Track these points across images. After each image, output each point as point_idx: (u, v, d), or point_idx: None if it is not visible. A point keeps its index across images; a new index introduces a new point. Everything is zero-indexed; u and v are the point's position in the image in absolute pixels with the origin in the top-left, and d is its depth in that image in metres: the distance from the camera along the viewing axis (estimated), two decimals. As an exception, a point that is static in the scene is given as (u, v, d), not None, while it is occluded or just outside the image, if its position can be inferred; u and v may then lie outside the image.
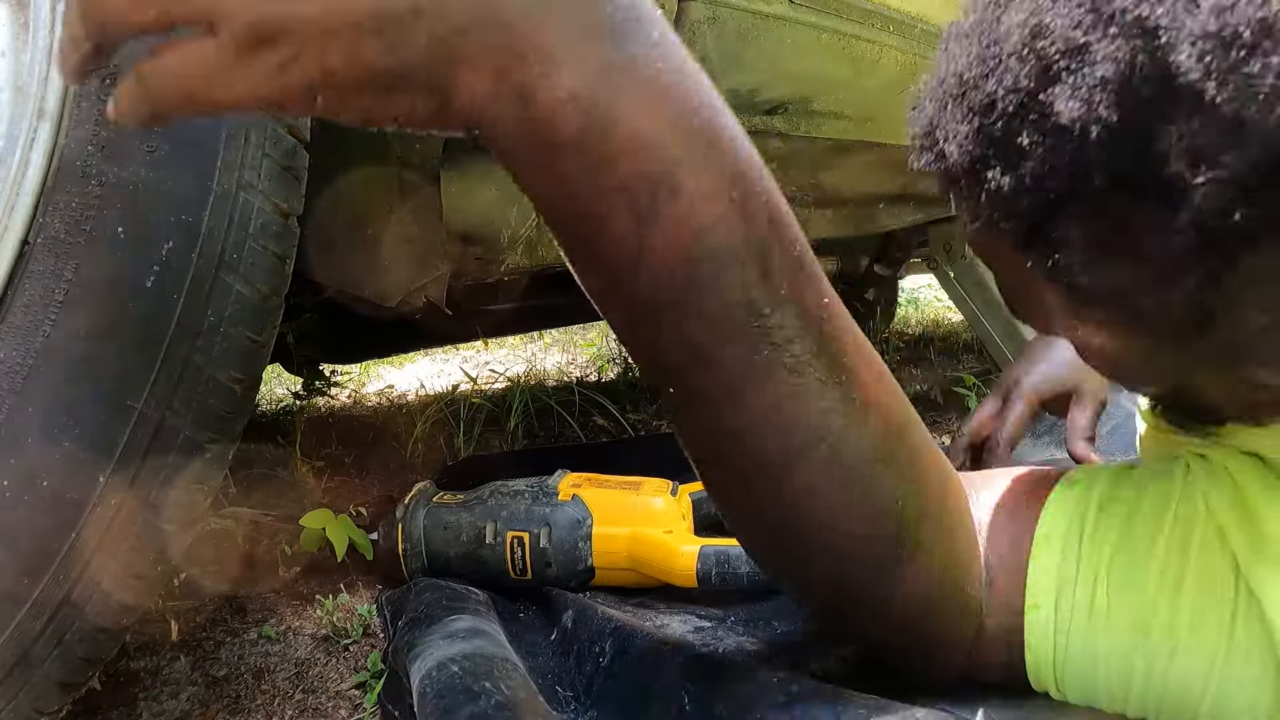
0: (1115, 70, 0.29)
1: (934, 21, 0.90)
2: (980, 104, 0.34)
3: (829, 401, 0.38)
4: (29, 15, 0.42)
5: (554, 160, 0.31)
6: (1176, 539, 0.41)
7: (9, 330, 0.41)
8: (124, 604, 0.47)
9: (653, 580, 0.75)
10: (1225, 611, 0.39)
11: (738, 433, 0.38)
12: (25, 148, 0.41)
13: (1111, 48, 0.29)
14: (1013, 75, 0.32)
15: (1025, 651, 0.45)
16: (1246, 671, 0.39)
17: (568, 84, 0.30)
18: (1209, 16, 0.27)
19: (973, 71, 0.34)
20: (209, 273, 0.45)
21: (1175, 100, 0.28)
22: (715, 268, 0.34)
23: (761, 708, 0.47)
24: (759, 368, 0.36)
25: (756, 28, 0.71)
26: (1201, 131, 0.28)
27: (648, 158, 0.32)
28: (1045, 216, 0.32)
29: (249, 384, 0.49)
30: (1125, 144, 0.29)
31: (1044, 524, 0.45)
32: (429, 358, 2.45)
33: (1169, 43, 0.28)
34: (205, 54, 0.31)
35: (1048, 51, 0.31)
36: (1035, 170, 0.32)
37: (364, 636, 0.77)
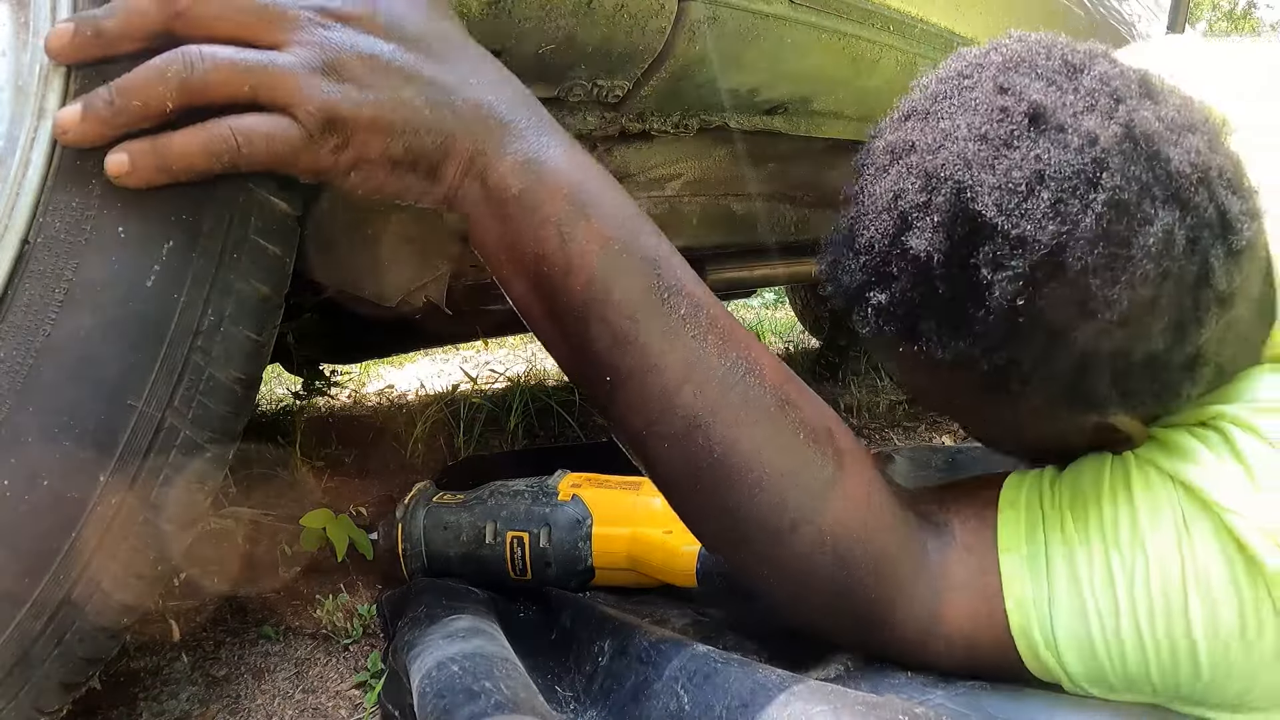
0: (943, 217, 0.45)
1: (934, 21, 0.90)
2: (863, 246, 0.49)
3: (729, 360, 0.48)
4: (29, 15, 0.42)
5: (504, 211, 0.46)
6: (1119, 474, 0.50)
7: (9, 330, 0.41)
8: (124, 604, 0.47)
9: (653, 580, 0.75)
10: (1175, 510, 0.47)
11: (666, 392, 0.48)
12: (25, 147, 0.41)
13: (940, 201, 0.45)
14: (882, 225, 0.48)
15: (1004, 600, 0.50)
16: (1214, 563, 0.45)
17: (508, 166, 0.46)
18: (999, 175, 0.44)
19: (857, 224, 0.50)
20: (209, 272, 0.45)
21: (981, 231, 0.44)
22: (620, 268, 0.47)
23: (761, 707, 0.47)
24: (669, 335, 0.47)
25: (756, 28, 0.71)
26: (998, 248, 0.43)
27: (562, 200, 0.46)
28: (911, 318, 0.47)
29: (249, 384, 0.49)
30: (954, 263, 0.45)
31: (1006, 492, 0.54)
32: (429, 358, 2.45)
33: (973, 195, 0.44)
34: (290, 131, 0.42)
35: (904, 207, 0.47)
36: (902, 288, 0.47)
37: (364, 636, 0.77)
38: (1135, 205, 0.43)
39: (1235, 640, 0.45)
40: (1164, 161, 0.44)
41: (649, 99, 0.74)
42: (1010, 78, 0.47)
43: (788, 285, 2.48)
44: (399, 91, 0.43)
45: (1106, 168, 0.43)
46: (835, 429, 0.52)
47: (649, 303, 0.47)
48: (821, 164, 1.11)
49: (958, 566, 0.52)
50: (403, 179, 0.45)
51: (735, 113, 0.85)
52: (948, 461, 1.15)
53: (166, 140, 0.41)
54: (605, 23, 0.61)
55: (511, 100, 0.47)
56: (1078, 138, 0.43)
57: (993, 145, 0.45)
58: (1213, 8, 11.49)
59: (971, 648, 0.51)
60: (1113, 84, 0.46)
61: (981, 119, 0.46)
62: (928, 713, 0.45)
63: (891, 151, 0.49)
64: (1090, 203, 0.42)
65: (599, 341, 0.47)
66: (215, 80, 0.40)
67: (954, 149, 0.45)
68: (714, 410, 0.48)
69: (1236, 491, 0.45)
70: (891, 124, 0.51)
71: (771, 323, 3.01)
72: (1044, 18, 1.15)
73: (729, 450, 0.48)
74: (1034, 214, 0.43)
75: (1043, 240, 0.42)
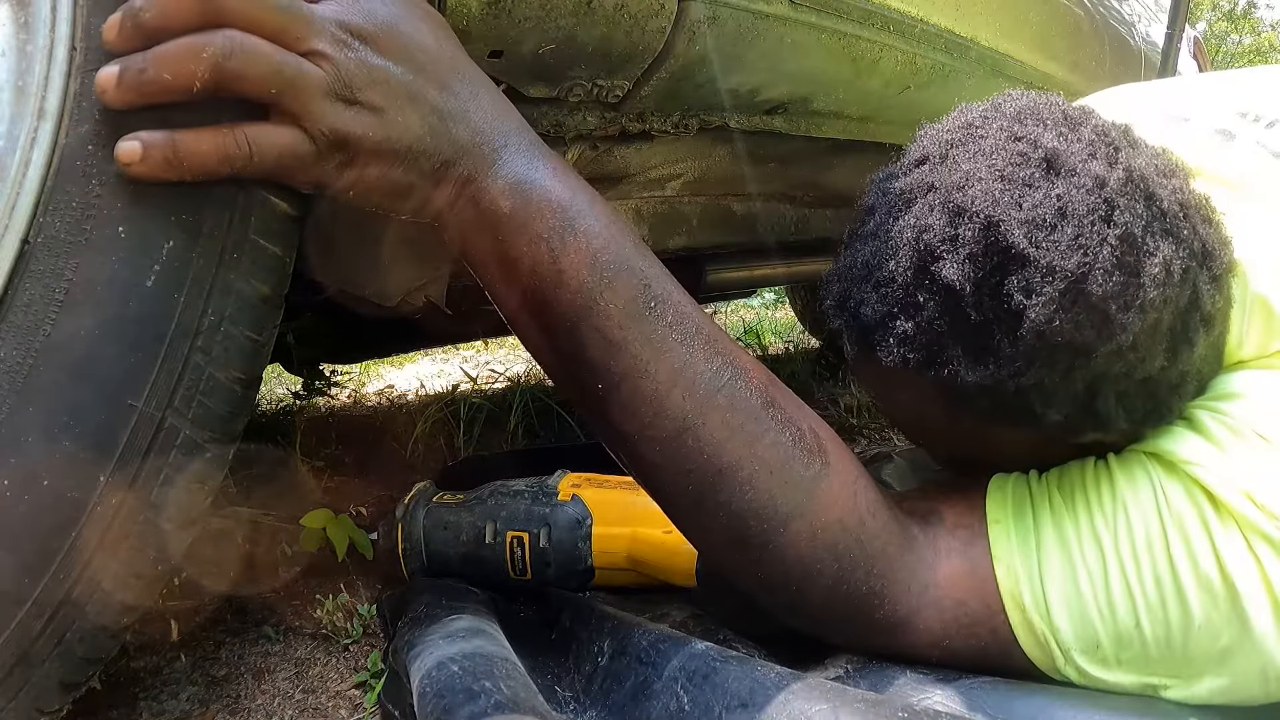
0: (974, 249, 0.48)
1: (934, 21, 0.90)
2: (884, 279, 0.52)
3: (715, 364, 0.51)
4: (29, 15, 0.42)
5: (496, 229, 0.48)
6: (1102, 461, 0.54)
7: (9, 330, 0.41)
8: (124, 604, 0.47)
9: (653, 580, 0.75)
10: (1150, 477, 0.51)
11: (656, 396, 0.49)
12: (26, 147, 0.41)
13: (969, 234, 0.49)
14: (905, 258, 0.51)
15: (994, 566, 0.53)
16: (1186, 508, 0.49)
17: (500, 188, 0.48)
18: (1027, 209, 0.48)
19: (875, 259, 0.53)
20: (209, 272, 0.45)
21: (1012, 261, 0.48)
22: (609, 276, 0.49)
23: (761, 706, 0.47)
24: (657, 341, 0.49)
25: (756, 28, 0.71)
26: (1030, 275, 0.47)
27: (551, 217, 0.48)
28: (937, 345, 0.50)
29: (249, 384, 0.49)
30: (985, 291, 0.48)
31: (993, 482, 0.57)
32: (429, 358, 2.45)
33: (1005, 229, 0.48)
34: (301, 146, 0.43)
35: (931, 241, 0.50)
36: (929, 316, 0.50)
37: (364, 636, 0.77)
38: (1141, 239, 0.48)
39: (1216, 575, 0.47)
40: (1157, 201, 0.49)
41: (649, 99, 0.74)
42: (1022, 127, 0.52)
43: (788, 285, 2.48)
44: (406, 117, 0.45)
45: (1116, 206, 0.47)
46: (818, 427, 0.55)
47: (637, 311, 0.49)
48: (821, 164, 1.11)
49: (947, 538, 0.55)
50: (396, 197, 0.48)
51: (735, 113, 0.85)
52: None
53: (184, 137, 0.41)
54: (605, 23, 0.61)
55: (504, 126, 0.49)
56: (1089, 180, 0.48)
57: (1016, 184, 0.49)
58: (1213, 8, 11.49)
59: (960, 618, 0.53)
60: (1109, 135, 0.51)
61: (1002, 161, 0.50)
62: (927, 710, 0.45)
63: (907, 192, 0.53)
64: (1106, 237, 0.47)
65: (590, 349, 0.49)
66: (250, 73, 0.41)
67: (979, 187, 0.49)
68: (702, 412, 0.50)
69: (1201, 452, 0.50)
70: (901, 169, 0.55)
71: (771, 323, 3.01)
72: (1044, 18, 1.15)
73: (718, 450, 0.50)
74: (1060, 245, 0.47)
75: (1069, 268, 0.47)
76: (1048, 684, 0.52)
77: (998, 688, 0.51)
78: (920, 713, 0.45)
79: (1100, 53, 1.32)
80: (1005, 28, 1.04)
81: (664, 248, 0.97)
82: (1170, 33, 1.48)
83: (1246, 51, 11.57)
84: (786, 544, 0.51)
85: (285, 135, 0.43)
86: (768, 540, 0.51)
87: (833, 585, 0.52)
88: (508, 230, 0.48)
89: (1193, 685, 0.49)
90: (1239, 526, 0.47)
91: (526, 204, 0.48)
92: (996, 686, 0.51)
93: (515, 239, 0.48)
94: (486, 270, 0.50)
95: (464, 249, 0.50)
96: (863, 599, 0.53)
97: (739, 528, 0.51)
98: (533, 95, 0.67)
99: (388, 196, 0.47)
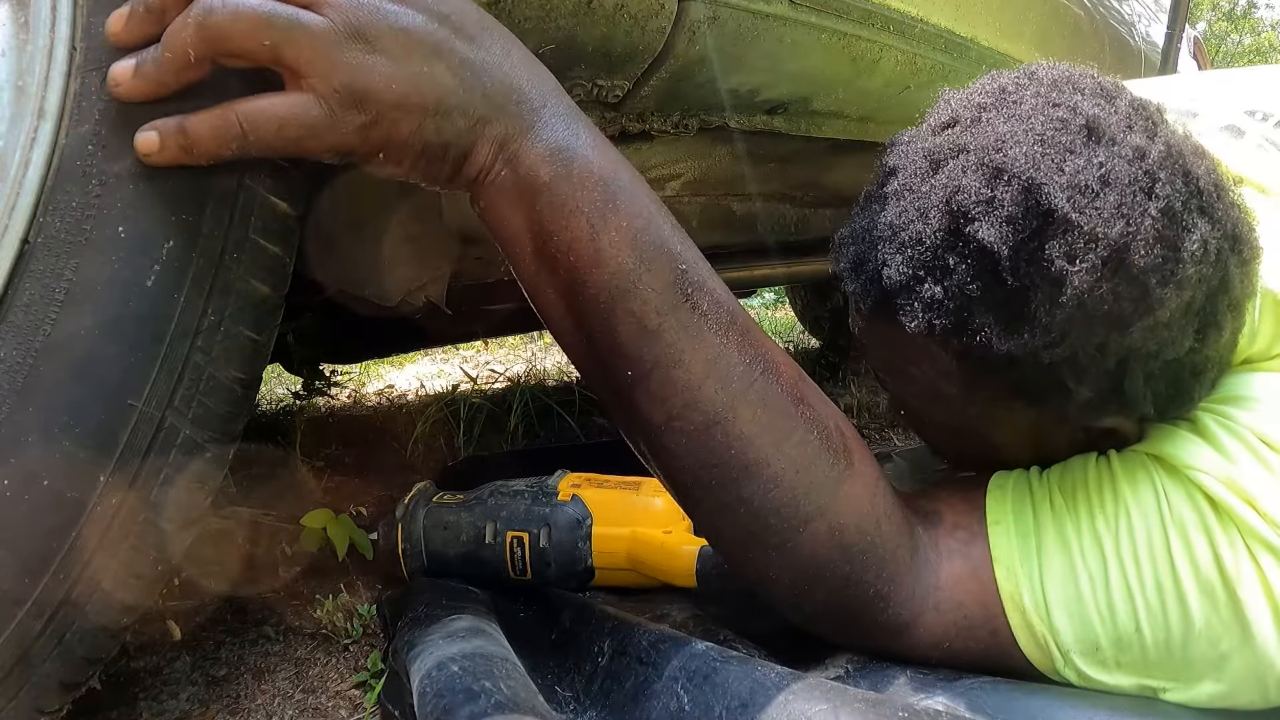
0: (1013, 210, 0.46)
1: (934, 21, 0.90)
2: (910, 240, 0.49)
3: (748, 357, 0.49)
4: (29, 15, 0.42)
5: (533, 200, 0.45)
6: (1102, 460, 0.54)
7: (9, 330, 0.41)
8: (124, 604, 0.47)
9: (653, 580, 0.75)
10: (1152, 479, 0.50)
11: (689, 387, 0.48)
12: (25, 147, 0.41)
13: (1008, 195, 0.46)
14: (937, 219, 0.48)
15: (994, 568, 0.52)
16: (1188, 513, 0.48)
17: (540, 154, 0.45)
18: (1070, 174, 0.46)
19: (900, 220, 0.50)
20: (209, 272, 0.45)
21: (1054, 225, 0.45)
22: (648, 258, 0.46)
23: (761, 707, 0.47)
24: (693, 332, 0.47)
25: (756, 28, 0.71)
26: (1073, 241, 0.45)
27: (593, 190, 0.45)
28: (966, 311, 0.48)
29: (249, 383, 0.49)
30: (1023, 256, 0.46)
31: (994, 478, 0.56)
32: (429, 358, 2.45)
33: (1047, 191, 0.45)
34: (308, 111, 0.40)
35: (965, 202, 0.47)
36: (960, 280, 0.47)
37: (364, 636, 0.77)
38: (1181, 214, 0.46)
39: (1217, 580, 0.47)
40: (1195, 179, 0.48)
41: (649, 99, 0.74)
42: (1059, 94, 0.49)
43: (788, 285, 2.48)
44: (432, 67, 0.42)
45: (1158, 179, 0.46)
46: (844, 426, 0.53)
47: (675, 297, 0.47)
48: (821, 164, 1.11)
49: (948, 539, 0.54)
50: (431, 163, 0.44)
51: (735, 113, 0.85)
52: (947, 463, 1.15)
53: (191, 120, 0.40)
54: (605, 23, 0.61)
55: (542, 86, 0.46)
56: (1129, 150, 0.47)
57: (1057, 148, 0.47)
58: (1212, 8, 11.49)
59: (960, 620, 0.53)
60: (1145, 109, 0.50)
61: (1041, 124, 0.48)
62: (928, 710, 0.45)
63: (935, 154, 0.50)
64: (1148, 208, 0.46)
65: (623, 334, 0.47)
66: (236, 30, 0.39)
67: (1019, 149, 0.47)
68: (734, 406, 0.48)
69: (1205, 458, 0.49)
70: (928, 131, 0.53)
71: (771, 323, 3.01)
72: (1044, 18, 1.15)
73: (746, 446, 0.49)
74: (1104, 212, 0.45)
75: (1113, 236, 0.45)
76: (1048, 685, 0.52)
77: (998, 688, 0.51)
78: (921, 713, 0.45)
79: (1100, 53, 1.32)
80: (1005, 28, 1.04)
81: (664, 248, 0.97)
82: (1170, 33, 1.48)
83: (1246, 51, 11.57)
84: (803, 543, 0.50)
85: (283, 103, 0.40)
86: (785, 539, 0.50)
87: (841, 586, 0.52)
88: (546, 201, 0.45)
89: (1192, 689, 0.49)
90: (1241, 533, 0.47)
91: (568, 173, 0.45)
92: (997, 687, 0.51)
93: (553, 212, 0.45)
94: (517, 245, 0.47)
95: (495, 222, 0.47)
96: (869, 601, 0.52)
97: (757, 525, 0.50)
98: (533, 95, 0.66)
99: (422, 161, 0.44)
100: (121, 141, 0.42)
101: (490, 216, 0.47)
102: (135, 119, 0.41)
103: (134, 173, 0.42)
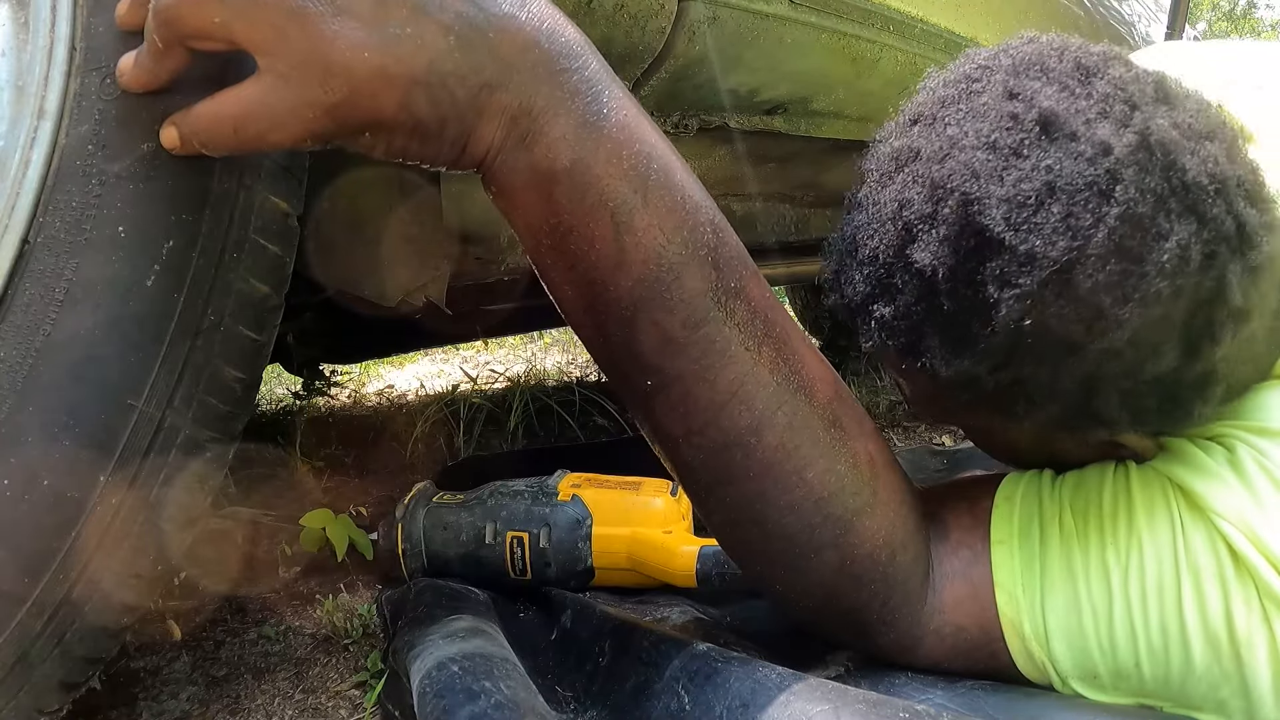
0: (949, 230, 0.42)
1: (934, 21, 0.90)
2: (867, 257, 0.46)
3: (781, 376, 0.45)
4: (29, 15, 0.42)
5: (551, 188, 0.39)
6: (1121, 478, 0.49)
7: (9, 330, 0.41)
8: (124, 604, 0.47)
9: (653, 580, 0.75)
10: (1172, 512, 0.46)
11: (712, 406, 0.44)
12: (25, 147, 0.41)
13: (946, 212, 0.42)
14: (887, 236, 0.45)
15: (994, 591, 0.49)
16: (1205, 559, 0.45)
17: (560, 130, 0.39)
18: (1008, 187, 0.41)
19: (860, 234, 0.47)
20: (209, 272, 0.45)
21: (988, 245, 0.41)
22: (679, 264, 0.42)
23: (762, 707, 0.47)
24: (722, 348, 0.43)
25: (756, 28, 0.71)
26: (1006, 265, 0.41)
27: (621, 180, 0.40)
28: (915, 333, 0.45)
29: (249, 383, 0.49)
30: (960, 278, 0.42)
31: (1003, 488, 0.53)
32: (429, 358, 2.45)
33: (981, 208, 0.41)
34: (261, 94, 0.36)
35: (909, 218, 0.44)
36: (906, 301, 0.44)
37: (364, 636, 0.77)
38: (1150, 219, 0.41)
39: (1224, 635, 0.44)
40: (1180, 172, 0.41)
41: (649, 99, 0.74)
42: (1020, 82, 0.44)
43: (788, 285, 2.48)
44: (418, 26, 0.35)
45: (1120, 179, 0.40)
46: (876, 450, 0.50)
47: (705, 307, 0.43)
48: (821, 164, 1.11)
49: (951, 559, 0.52)
50: (428, 141, 0.38)
51: (735, 113, 0.85)
52: (947, 463, 1.15)
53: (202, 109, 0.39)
54: (605, 22, 0.61)
55: (565, 40, 0.39)
56: (1090, 147, 0.41)
57: (1001, 154, 0.42)
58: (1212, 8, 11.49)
59: (960, 643, 0.52)
60: (1128, 89, 0.43)
61: (990, 126, 0.43)
62: (928, 711, 0.45)
63: (897, 158, 0.47)
64: (1103, 216, 0.40)
65: (645, 343, 0.43)
66: (185, 11, 0.35)
67: (961, 158, 0.43)
68: (758, 431, 0.45)
69: (1233, 503, 0.45)
70: (898, 128, 0.49)
71: (771, 323, 3.00)
72: (1044, 18, 1.15)
73: (766, 471, 0.46)
74: (1044, 228, 0.40)
75: (1053, 256, 0.40)
76: (1048, 689, 0.52)
77: (999, 690, 0.51)
78: (921, 713, 0.45)
79: (1100, 53, 1.32)
80: (1005, 28, 1.04)
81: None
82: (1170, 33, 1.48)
83: (1246, 51, 11.54)
84: (813, 569, 0.49)
85: (234, 99, 0.36)
86: (795, 563, 0.49)
87: (847, 610, 0.51)
88: (565, 191, 0.39)
89: (1190, 712, 0.48)
90: (1259, 592, 0.43)
91: (592, 158, 0.39)
92: (998, 689, 0.51)
93: (573, 204, 0.39)
94: (532, 236, 0.42)
95: (508, 209, 0.42)
96: (873, 625, 0.51)
97: (768, 545, 0.49)
98: (533, 95, 0.66)
99: (415, 139, 0.38)
100: (122, 141, 0.42)
101: (502, 203, 0.42)
102: (135, 119, 0.41)
103: (134, 173, 0.42)
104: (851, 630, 0.53)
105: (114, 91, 0.41)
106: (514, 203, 0.41)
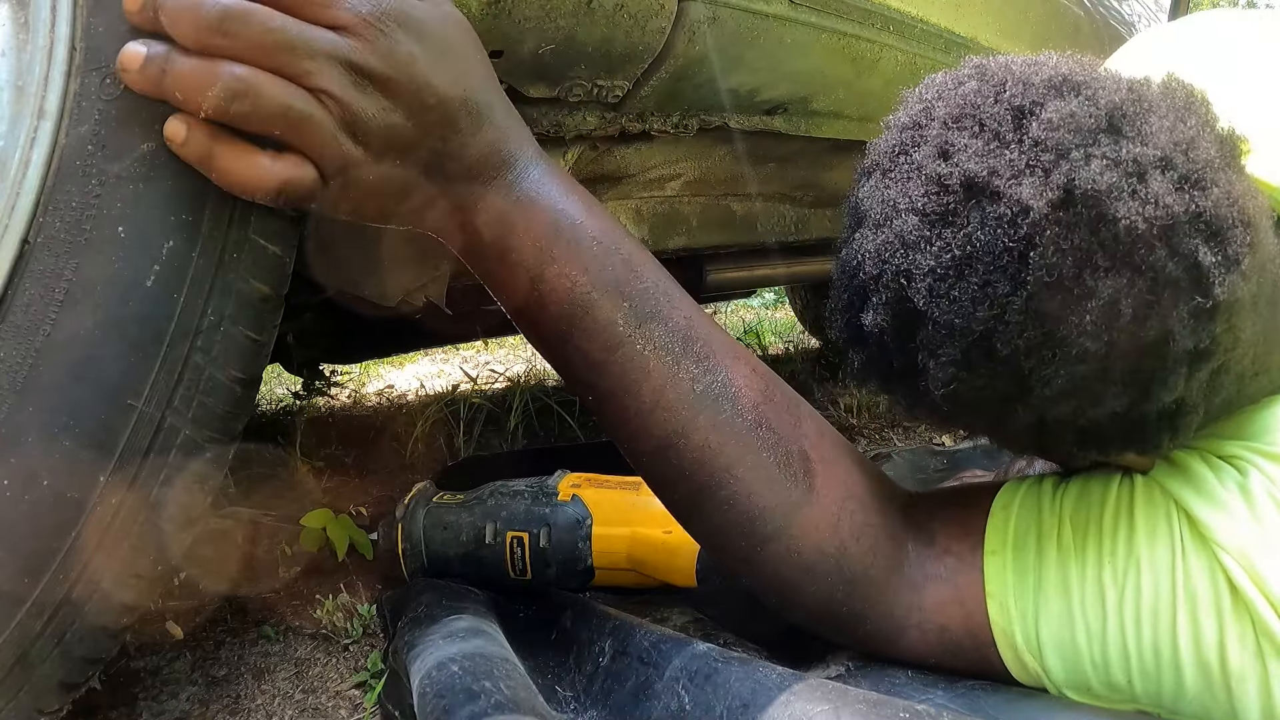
0: (889, 296, 0.46)
1: (934, 21, 0.90)
2: (840, 308, 0.51)
3: (703, 386, 0.50)
4: (29, 15, 0.42)
5: (481, 253, 0.49)
6: (1125, 492, 0.50)
7: (9, 330, 0.41)
8: (124, 604, 0.47)
9: (653, 580, 0.75)
10: (1174, 535, 0.47)
11: (640, 414, 0.50)
12: (25, 147, 0.41)
13: (887, 279, 0.46)
14: (847, 295, 0.50)
15: (986, 600, 0.51)
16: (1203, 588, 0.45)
17: (484, 217, 0.48)
18: (932, 258, 0.44)
19: (838, 280, 0.52)
20: (209, 272, 0.45)
21: (916, 316, 0.45)
22: (588, 303, 0.48)
23: (762, 707, 0.47)
24: (639, 366, 0.49)
25: (756, 28, 0.71)
26: (932, 335, 0.45)
27: (531, 248, 0.48)
28: (882, 379, 0.50)
29: (249, 383, 0.49)
30: (898, 343, 0.47)
31: (1000, 497, 0.54)
32: (429, 358, 2.45)
33: (909, 280, 0.44)
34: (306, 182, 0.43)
35: (862, 280, 0.48)
36: (870, 353, 0.50)
37: (364, 636, 0.77)
38: (1072, 279, 0.41)
39: (1216, 665, 0.45)
40: (1110, 224, 0.40)
41: (649, 99, 0.74)
42: (952, 137, 0.45)
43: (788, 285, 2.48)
44: (404, 160, 0.45)
45: (1035, 244, 0.40)
46: (811, 449, 0.53)
47: (620, 333, 0.49)
48: (821, 164, 1.11)
49: (935, 564, 0.53)
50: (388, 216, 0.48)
51: (735, 113, 0.85)
52: (947, 462, 1.15)
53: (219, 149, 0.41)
54: (605, 23, 0.61)
55: (500, 154, 0.47)
56: (1010, 209, 0.41)
57: (929, 221, 0.44)
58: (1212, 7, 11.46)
59: (945, 642, 0.52)
60: (1059, 133, 0.42)
61: (921, 190, 0.45)
62: (928, 711, 0.45)
63: (853, 214, 0.51)
64: (1020, 283, 0.41)
65: (577, 364, 0.50)
66: (256, 116, 0.40)
67: (896, 225, 0.45)
68: (684, 433, 0.50)
69: (1237, 536, 0.45)
70: (863, 172, 0.51)
71: (771, 323, 3.01)
72: (1044, 18, 1.15)
73: (698, 469, 0.50)
74: (962, 300, 0.43)
75: (973, 327, 0.43)
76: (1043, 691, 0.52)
77: (999, 690, 0.51)
78: (921, 713, 0.45)
79: (1100, 53, 1.32)
80: (1005, 28, 1.04)
81: (664, 248, 0.97)
82: (1170, 33, 1.48)
83: (1246, 52, 11.54)
84: (765, 561, 0.52)
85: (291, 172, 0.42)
86: (746, 556, 0.52)
87: (813, 603, 0.53)
88: (489, 257, 0.49)
89: None
90: (1255, 630, 0.43)
91: (508, 235, 0.48)
92: (997, 689, 0.51)
93: (496, 265, 0.49)
94: (481, 279, 0.51)
95: (460, 261, 0.51)
96: (845, 617, 0.53)
97: (720, 540, 0.53)
98: (533, 95, 0.66)
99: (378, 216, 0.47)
100: (122, 141, 0.42)
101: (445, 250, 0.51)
102: (135, 119, 0.41)
103: (134, 173, 0.42)
104: (830, 624, 0.54)
105: (114, 91, 0.41)
106: (462, 256, 0.50)
